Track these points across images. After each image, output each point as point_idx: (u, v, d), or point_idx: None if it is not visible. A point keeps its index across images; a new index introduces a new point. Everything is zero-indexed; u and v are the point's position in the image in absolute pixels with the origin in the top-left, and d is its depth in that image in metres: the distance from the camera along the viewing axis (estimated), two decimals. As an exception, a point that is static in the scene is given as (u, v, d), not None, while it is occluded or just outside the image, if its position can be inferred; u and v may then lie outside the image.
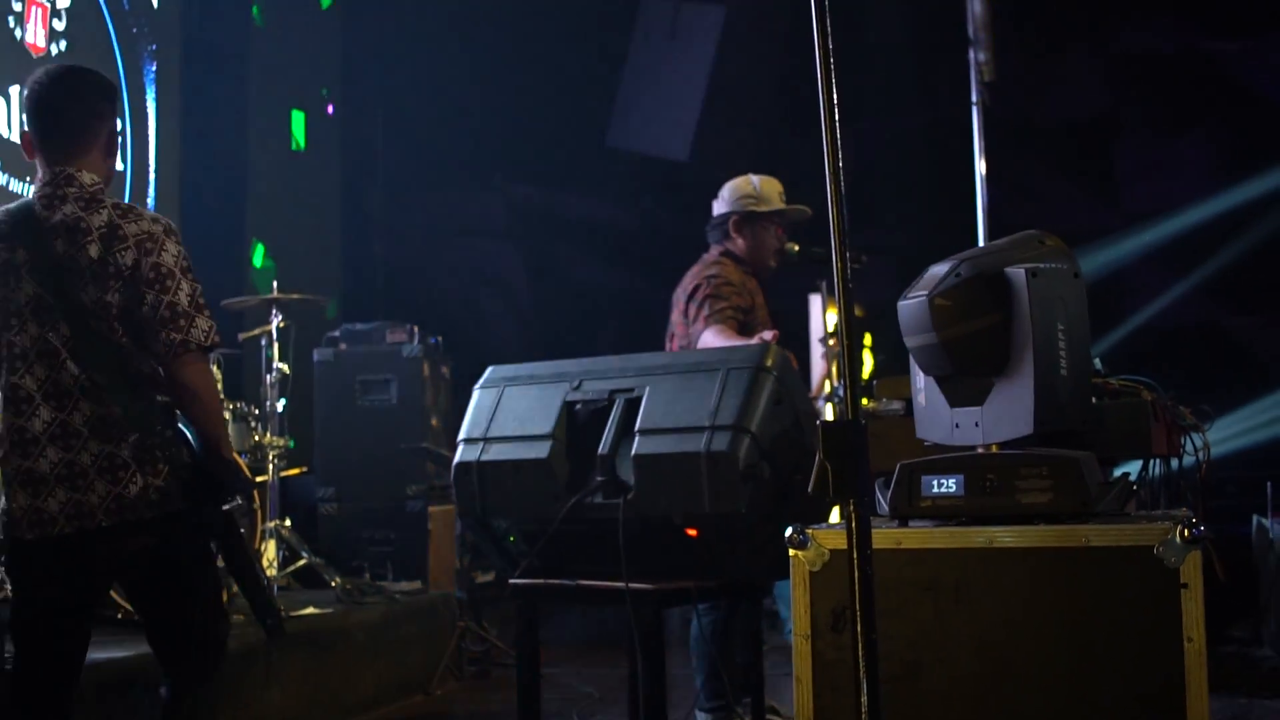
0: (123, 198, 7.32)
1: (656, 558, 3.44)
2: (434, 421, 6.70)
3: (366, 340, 6.71)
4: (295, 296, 6.10)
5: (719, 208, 5.01)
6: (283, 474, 6.05)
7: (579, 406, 3.53)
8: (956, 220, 8.19)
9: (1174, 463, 3.74)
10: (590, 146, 9.77)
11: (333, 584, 5.77)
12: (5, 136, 6.54)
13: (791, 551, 2.73)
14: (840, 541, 2.68)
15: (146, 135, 7.53)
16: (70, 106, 3.11)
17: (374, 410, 6.50)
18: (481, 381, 3.77)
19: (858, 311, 9.15)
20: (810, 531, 2.71)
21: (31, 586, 3.06)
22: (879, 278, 10.18)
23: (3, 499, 3.05)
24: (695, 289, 4.74)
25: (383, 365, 6.58)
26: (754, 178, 5.01)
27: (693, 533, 3.37)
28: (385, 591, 5.87)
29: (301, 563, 5.95)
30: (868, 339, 8.74)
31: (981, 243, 7.33)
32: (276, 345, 6.02)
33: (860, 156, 9.50)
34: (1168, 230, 9.57)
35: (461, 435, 3.68)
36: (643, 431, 3.37)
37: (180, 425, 3.10)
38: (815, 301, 8.57)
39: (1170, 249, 9.57)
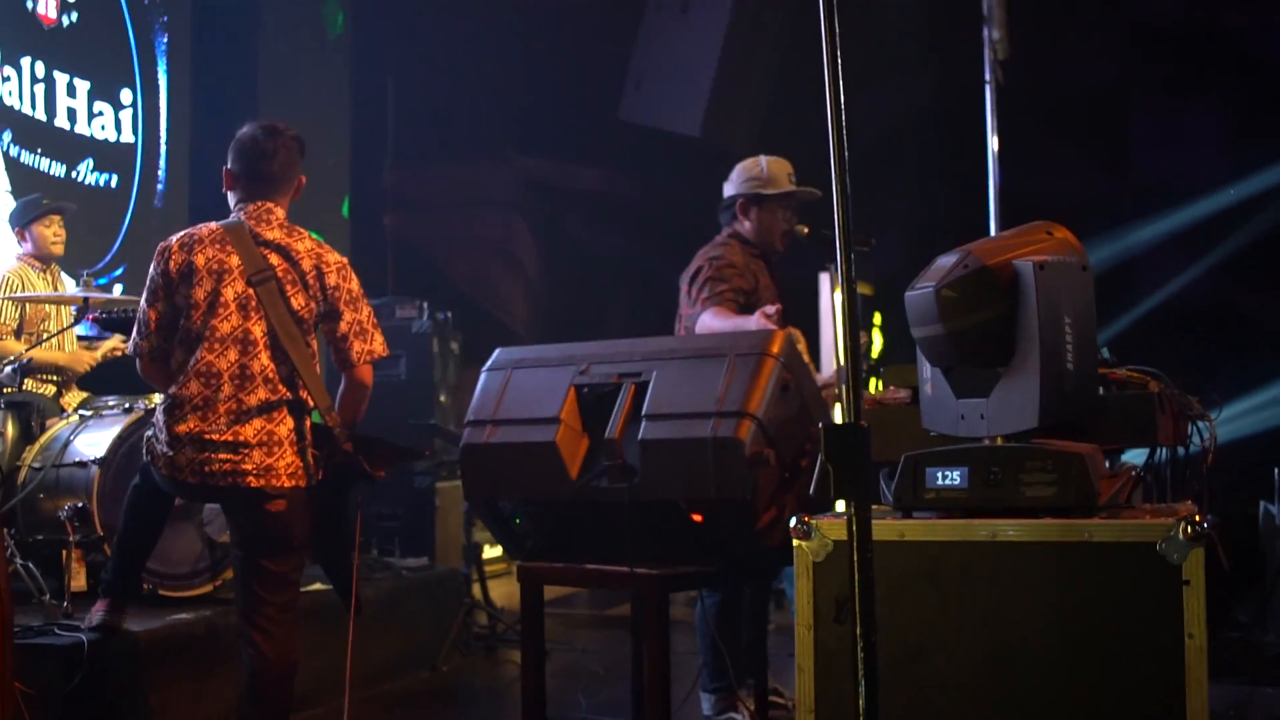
0: (133, 170, 7.35)
1: (662, 541, 3.45)
2: (442, 397, 6.72)
3: (376, 316, 6.70)
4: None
5: (728, 190, 4.99)
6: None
7: (586, 390, 3.54)
8: (968, 192, 8.18)
9: (1181, 450, 3.74)
10: (601, 119, 9.74)
11: (340, 558, 5.78)
12: (17, 109, 6.55)
13: (795, 541, 2.74)
14: (844, 532, 2.68)
15: (158, 107, 7.54)
16: (277, 157, 3.79)
17: (382, 385, 6.42)
18: (489, 364, 3.78)
19: (866, 290, 9.16)
20: (813, 522, 2.72)
21: (162, 492, 3.82)
22: (889, 253, 10.17)
23: (163, 444, 3.63)
24: (697, 271, 4.73)
25: (392, 341, 6.43)
26: (763, 159, 4.98)
27: (698, 518, 3.38)
28: (392, 567, 5.90)
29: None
30: (877, 318, 8.73)
31: (993, 217, 7.31)
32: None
33: (872, 126, 9.47)
34: (1182, 211, 9.54)
35: (468, 417, 3.69)
36: (649, 416, 3.37)
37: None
38: (825, 280, 8.57)
39: (1184, 229, 9.53)
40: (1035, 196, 9.14)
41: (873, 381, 8.69)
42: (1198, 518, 2.44)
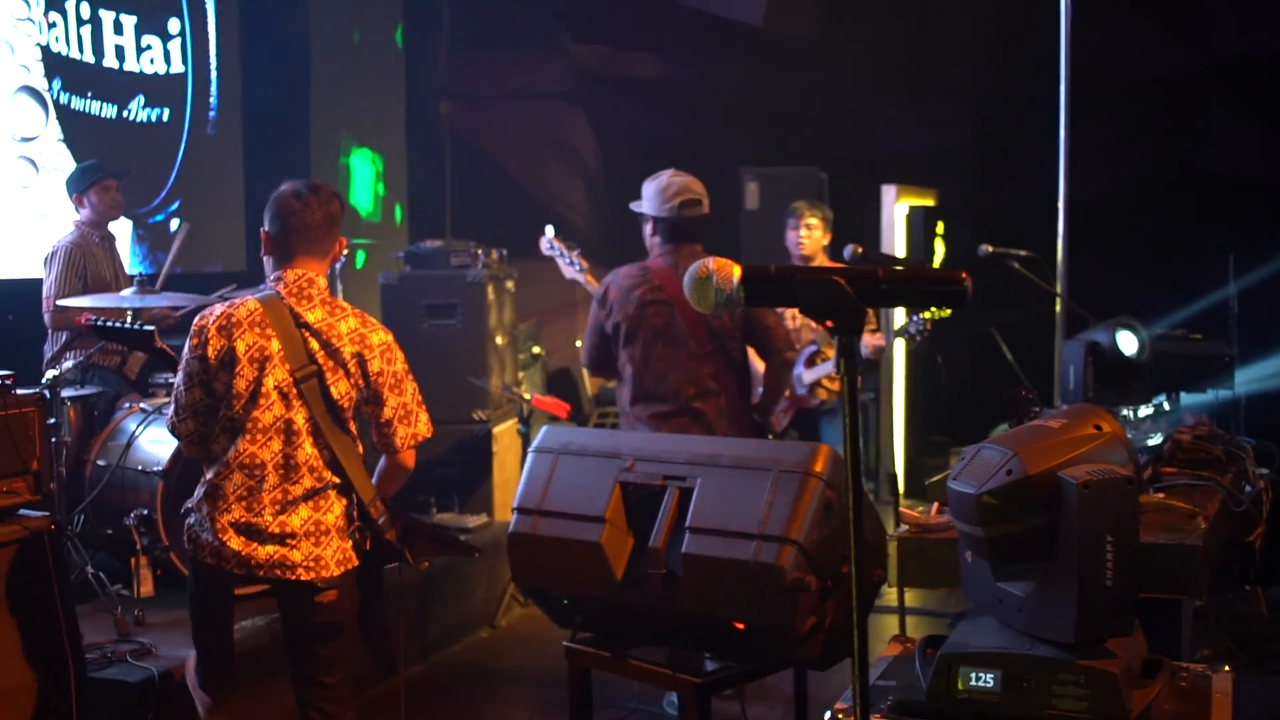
0: (185, 101, 7.27)
1: (705, 638, 3.53)
2: (499, 340, 6.74)
3: (430, 263, 6.71)
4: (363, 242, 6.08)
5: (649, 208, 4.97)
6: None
7: (631, 489, 3.56)
8: (1032, 59, 7.87)
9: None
10: (659, 4, 9.43)
11: (400, 525, 5.93)
12: (65, 54, 6.47)
13: (828, 737, 2.80)
14: (878, 732, 2.76)
15: (206, 32, 7.41)
16: (320, 224, 3.64)
17: (439, 335, 6.54)
18: (536, 444, 3.79)
19: (929, 200, 8.96)
20: (848, 720, 2.77)
21: (215, 597, 3.70)
22: (950, 128, 9.93)
23: (209, 534, 3.56)
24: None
25: (448, 290, 6.58)
26: (682, 181, 4.96)
27: (740, 626, 3.44)
28: (449, 531, 6.02)
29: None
30: (939, 227, 8.56)
31: (1063, 89, 6.95)
32: (340, 287, 6.03)
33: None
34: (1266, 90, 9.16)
35: (516, 503, 3.72)
36: (693, 529, 3.40)
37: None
38: (888, 194, 8.42)
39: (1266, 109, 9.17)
40: (1106, 70, 8.83)
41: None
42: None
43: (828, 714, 2.81)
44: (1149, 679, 2.76)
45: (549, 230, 5.64)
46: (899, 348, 8.13)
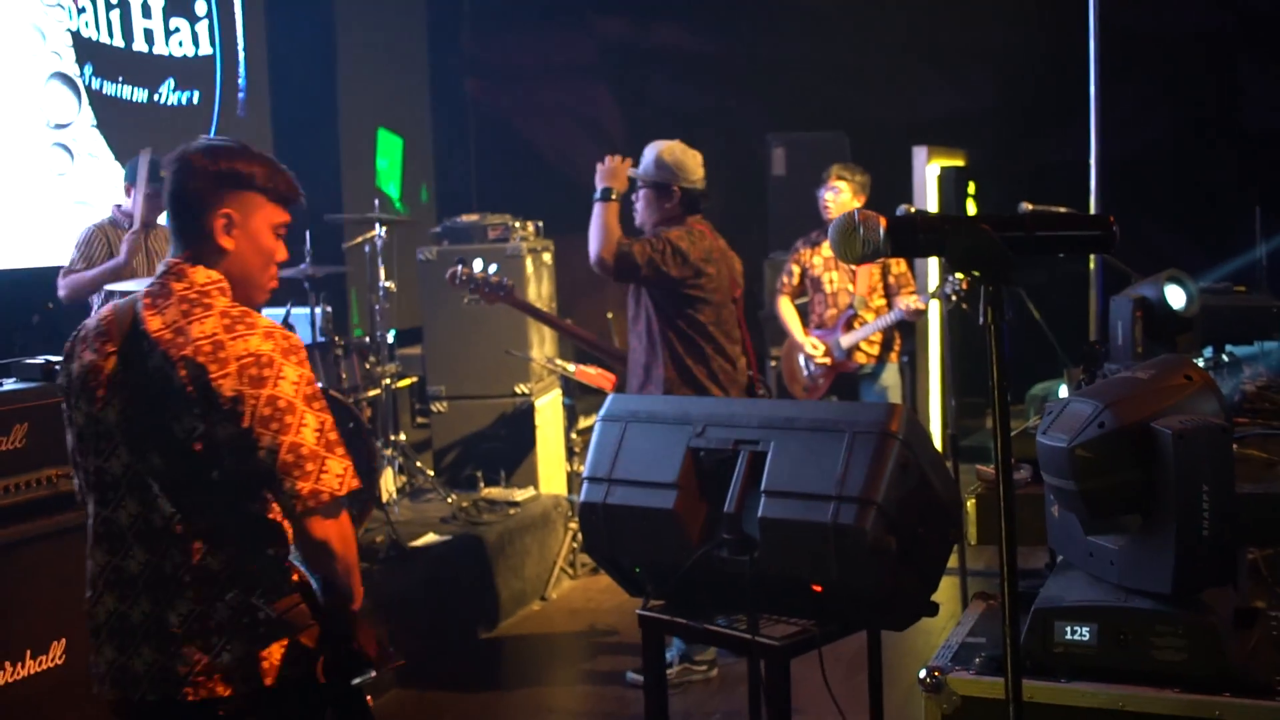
0: (214, 83, 7.25)
1: (782, 602, 3.52)
2: (538, 311, 6.74)
3: (467, 237, 6.68)
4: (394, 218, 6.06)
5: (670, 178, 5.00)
6: (396, 386, 6.17)
7: (702, 454, 3.55)
8: (1061, 17, 7.82)
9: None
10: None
11: (449, 501, 5.94)
12: (95, 39, 6.46)
13: (923, 696, 2.79)
14: (973, 689, 2.75)
15: (233, 13, 7.39)
16: (184, 187, 2.58)
17: (480, 309, 6.50)
18: (603, 413, 3.78)
19: (959, 161, 8.92)
20: (944, 677, 2.76)
21: None
22: (977, 91, 9.88)
23: (92, 652, 2.64)
24: None
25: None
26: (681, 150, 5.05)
27: (818, 589, 3.43)
28: (498, 506, 6.04)
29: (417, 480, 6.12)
30: (971, 187, 8.52)
31: (1093, 46, 6.89)
32: (382, 267, 6.01)
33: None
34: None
35: (586, 472, 3.72)
36: (769, 493, 3.39)
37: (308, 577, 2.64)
38: (919, 155, 8.38)
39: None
40: (1135, 27, 8.77)
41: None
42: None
43: (923, 672, 2.81)
44: (1246, 628, 2.75)
45: (459, 267, 5.24)
46: (934, 310, 8.09)
